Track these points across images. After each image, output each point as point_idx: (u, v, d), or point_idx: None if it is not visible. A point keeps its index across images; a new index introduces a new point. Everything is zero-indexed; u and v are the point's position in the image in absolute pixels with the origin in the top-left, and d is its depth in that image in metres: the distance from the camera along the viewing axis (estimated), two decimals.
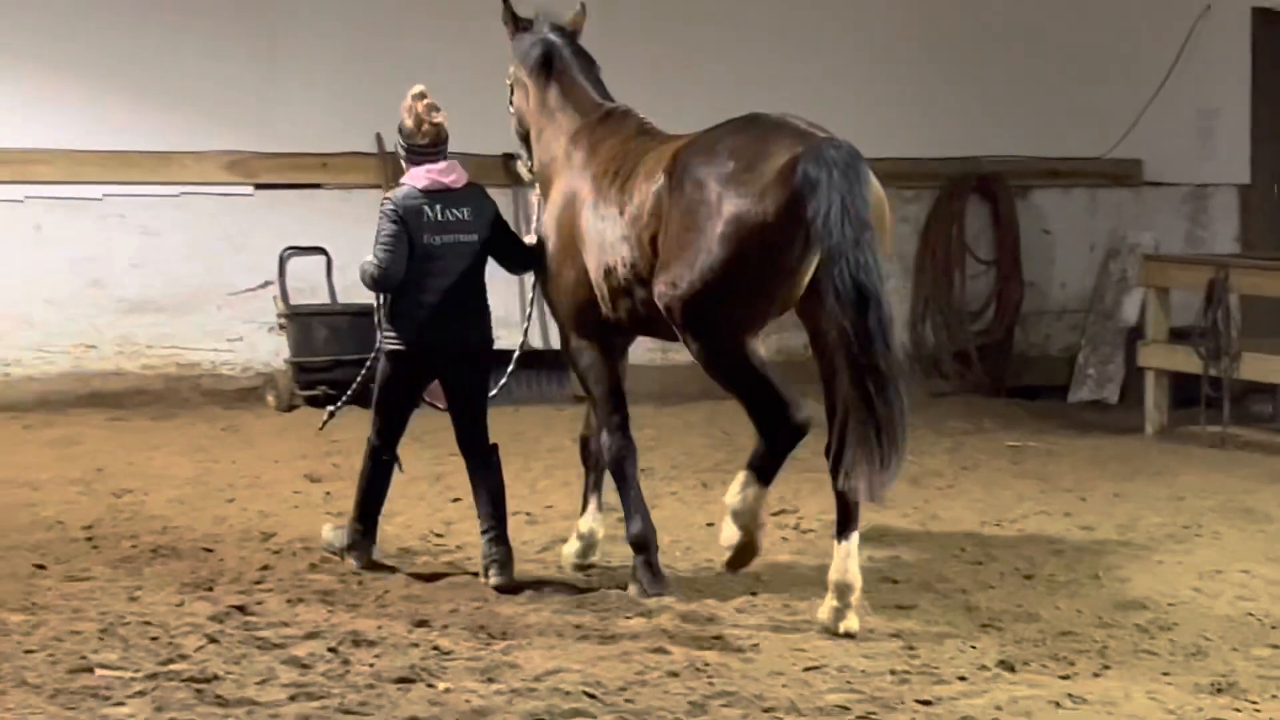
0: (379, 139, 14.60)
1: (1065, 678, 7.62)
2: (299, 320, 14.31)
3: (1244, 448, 13.18)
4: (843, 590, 8.28)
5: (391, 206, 9.19)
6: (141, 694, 7.25)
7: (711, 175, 8.30)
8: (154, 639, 8.03)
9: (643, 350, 9.89)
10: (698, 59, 15.40)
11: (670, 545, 9.64)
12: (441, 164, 9.30)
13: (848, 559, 8.31)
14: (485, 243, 9.31)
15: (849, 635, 8.18)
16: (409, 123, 9.33)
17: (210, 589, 8.93)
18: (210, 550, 9.76)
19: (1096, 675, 7.68)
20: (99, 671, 7.54)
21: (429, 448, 11.89)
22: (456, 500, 10.91)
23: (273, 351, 14.76)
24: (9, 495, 11.06)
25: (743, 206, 8.18)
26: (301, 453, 11.24)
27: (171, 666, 7.61)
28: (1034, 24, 16.29)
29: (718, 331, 8.39)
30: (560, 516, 10.38)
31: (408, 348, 9.25)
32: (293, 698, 7.24)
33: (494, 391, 9.61)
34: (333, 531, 9.56)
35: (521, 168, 9.93)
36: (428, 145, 9.32)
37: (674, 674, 7.61)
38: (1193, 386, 13.59)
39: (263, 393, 14.54)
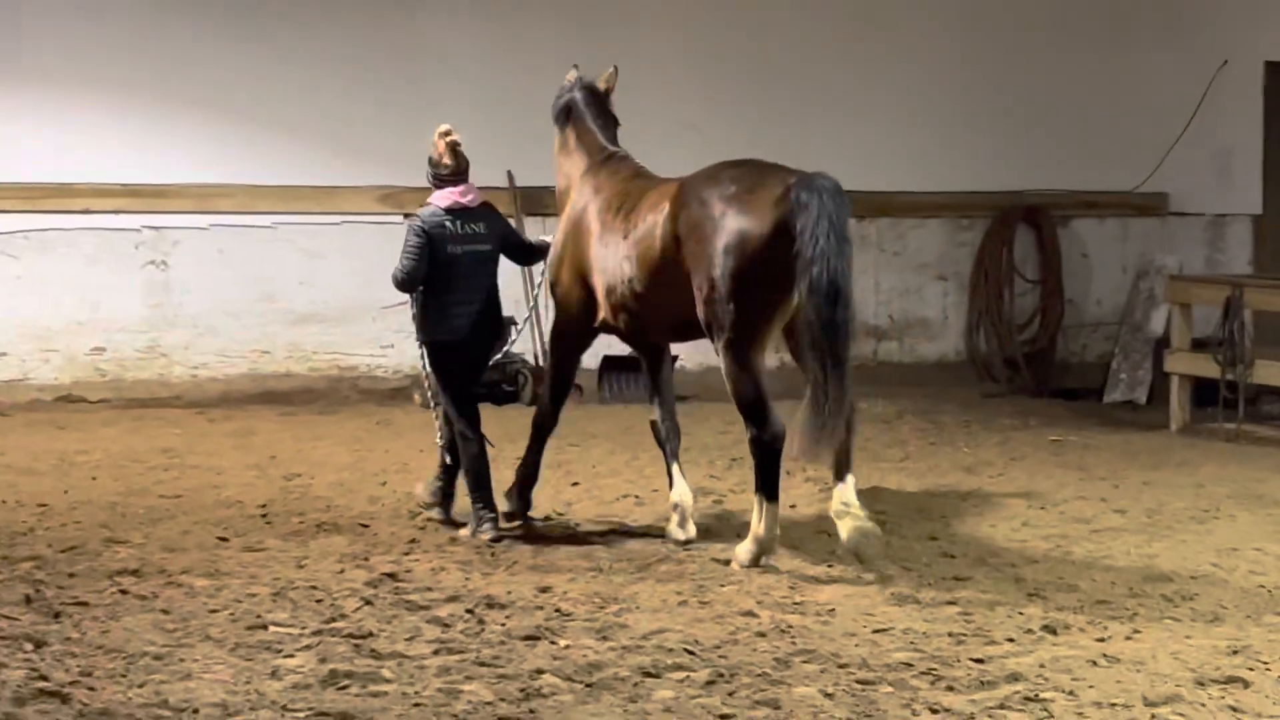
0: (510, 175, 14.65)
1: (1100, 640, 7.58)
2: None
3: (1257, 443, 13.03)
4: (840, 512, 8.47)
5: (419, 223, 9.55)
6: (308, 648, 7.32)
7: (717, 197, 8.63)
8: (319, 601, 8.10)
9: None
10: (776, 108, 15.39)
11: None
12: (461, 187, 9.66)
13: (845, 492, 8.48)
14: (497, 249, 9.72)
15: (865, 550, 8.42)
16: (434, 155, 9.69)
17: (366, 559, 9.00)
18: (366, 526, 9.83)
19: (1128, 638, 7.63)
20: (272, 628, 7.62)
21: (553, 438, 11.89)
22: (575, 484, 10.95)
23: (418, 357, 14.73)
24: (196, 478, 11.17)
25: (745, 222, 8.48)
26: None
27: (333, 625, 7.68)
28: (1073, 76, 16.15)
29: (732, 329, 8.56)
30: (663, 499, 10.37)
31: (439, 334, 9.64)
32: (436, 652, 7.30)
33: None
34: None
35: None
36: (449, 173, 9.65)
37: (761, 634, 7.62)
38: (1212, 389, 13.45)
39: (410, 392, 14.59)
